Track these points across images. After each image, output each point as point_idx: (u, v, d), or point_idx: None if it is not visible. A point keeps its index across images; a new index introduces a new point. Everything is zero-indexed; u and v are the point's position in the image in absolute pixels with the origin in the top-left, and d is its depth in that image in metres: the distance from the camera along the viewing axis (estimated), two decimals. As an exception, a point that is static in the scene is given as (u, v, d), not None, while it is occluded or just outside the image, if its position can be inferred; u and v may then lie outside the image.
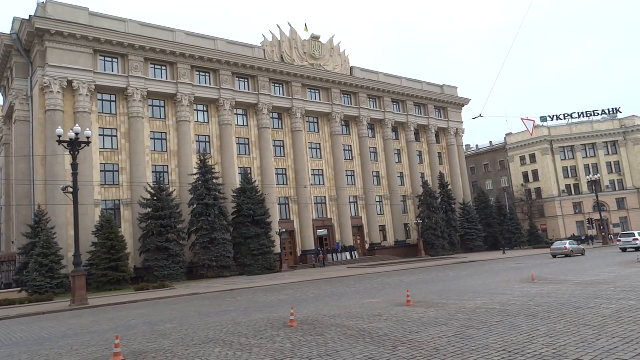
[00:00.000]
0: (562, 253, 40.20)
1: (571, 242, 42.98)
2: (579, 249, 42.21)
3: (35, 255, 32.62)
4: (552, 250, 41.50)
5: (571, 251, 40.33)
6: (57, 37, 38.51)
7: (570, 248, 40.49)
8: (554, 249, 41.49)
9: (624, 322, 10.19)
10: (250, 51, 50.56)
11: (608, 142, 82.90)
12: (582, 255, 41.05)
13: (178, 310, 19.20)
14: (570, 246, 40.88)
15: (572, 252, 40.32)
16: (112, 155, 41.51)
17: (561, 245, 41.44)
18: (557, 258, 39.68)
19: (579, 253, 41.31)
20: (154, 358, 9.98)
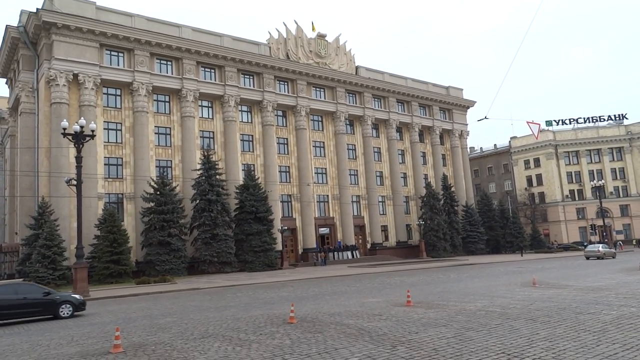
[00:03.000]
0: (595, 255, 42.70)
1: (604, 246, 45.60)
2: (610, 252, 44.32)
3: (38, 247, 32.76)
4: (586, 252, 44.26)
5: (603, 254, 42.64)
6: (64, 31, 38.61)
7: (602, 251, 43.00)
8: (587, 251, 44.30)
9: (624, 329, 10.17)
10: (256, 48, 50.58)
11: (613, 148, 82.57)
12: (613, 258, 43.03)
13: (178, 305, 19.27)
14: (603, 249, 43.39)
15: (604, 254, 42.65)
16: (116, 149, 41.61)
17: (595, 248, 44.20)
18: (590, 260, 41.74)
19: (610, 256, 43.34)
20: (153, 351, 10.03)
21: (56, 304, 17.16)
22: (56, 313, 17.05)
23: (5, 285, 17.94)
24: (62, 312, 17.10)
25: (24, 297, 16.76)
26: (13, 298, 16.52)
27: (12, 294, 16.69)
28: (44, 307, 17.00)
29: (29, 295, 16.94)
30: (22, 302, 16.56)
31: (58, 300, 17.27)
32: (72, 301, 17.57)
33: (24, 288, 17.59)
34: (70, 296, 18.15)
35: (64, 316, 17.07)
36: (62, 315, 17.04)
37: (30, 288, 17.68)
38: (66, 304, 17.28)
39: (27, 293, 17.03)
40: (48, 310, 17.05)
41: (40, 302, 16.94)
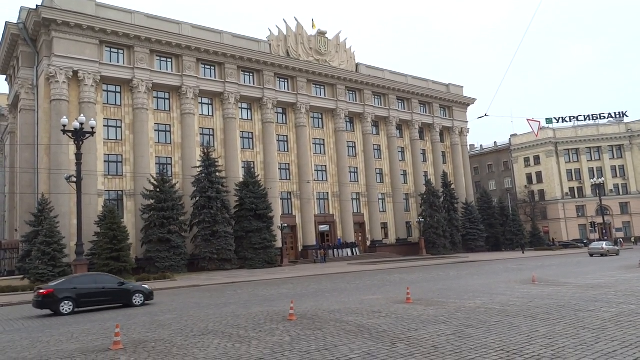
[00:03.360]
0: (599, 252, 43.32)
1: (607, 243, 46.73)
2: (614, 249, 45.27)
3: (38, 244, 32.75)
4: (590, 249, 44.89)
5: (607, 251, 43.47)
6: (64, 28, 38.54)
7: (606, 248, 43.82)
8: (591, 248, 44.93)
9: (623, 326, 10.19)
10: (256, 45, 50.50)
11: (613, 145, 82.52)
12: (616, 255, 43.76)
13: (178, 302, 19.31)
14: (606, 247, 44.27)
15: (608, 252, 43.45)
16: (116, 146, 41.60)
17: (599, 245, 44.88)
18: (594, 257, 42.31)
19: (614, 253, 44.15)
20: (153, 347, 10.05)
21: (130, 293, 18.66)
22: (130, 301, 18.50)
23: (86, 276, 19.64)
24: (135, 301, 18.60)
25: (102, 286, 18.36)
26: (94, 287, 18.10)
27: (93, 284, 18.28)
28: (119, 296, 18.48)
29: (107, 285, 18.53)
30: (101, 291, 18.17)
31: (132, 290, 18.76)
32: (143, 291, 18.99)
33: (102, 278, 19.23)
34: (142, 286, 19.45)
35: (137, 304, 18.51)
36: (134, 304, 18.51)
37: (107, 278, 19.33)
38: (138, 294, 18.78)
39: (105, 283, 18.64)
40: (122, 299, 18.53)
41: (116, 291, 18.47)
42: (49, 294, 17.04)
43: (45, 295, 17.00)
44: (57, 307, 17.00)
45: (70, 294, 17.35)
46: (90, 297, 17.81)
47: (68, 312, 17.06)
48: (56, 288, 17.35)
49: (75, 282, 18.08)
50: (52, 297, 17.03)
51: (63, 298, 17.10)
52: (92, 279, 18.79)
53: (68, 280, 18.38)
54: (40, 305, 17.17)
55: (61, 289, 17.37)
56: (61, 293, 17.19)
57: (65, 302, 17.12)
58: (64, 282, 18.06)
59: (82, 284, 17.97)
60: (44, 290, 17.16)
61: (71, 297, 17.30)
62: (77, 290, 17.58)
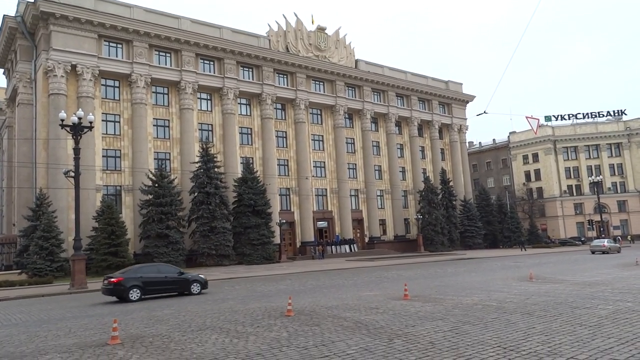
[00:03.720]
0: (601, 250, 43.62)
1: (609, 241, 47.31)
2: (615, 246, 45.71)
3: (35, 238, 32.75)
4: (592, 247, 45.35)
5: (609, 248, 43.83)
6: (62, 21, 38.38)
7: (608, 246, 44.17)
8: (593, 245, 45.31)
9: (619, 323, 10.22)
10: (255, 41, 50.37)
11: (612, 144, 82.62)
12: (618, 252, 44.13)
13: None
14: (608, 244, 44.69)
15: (609, 249, 43.81)
16: (115, 140, 41.51)
17: (600, 243, 45.33)
18: (595, 254, 42.56)
19: (615, 251, 44.59)
20: (150, 342, 10.06)
21: (189, 282, 19.95)
22: (189, 290, 19.80)
23: (150, 265, 21.05)
24: (193, 289, 19.88)
25: (165, 275, 19.66)
26: (157, 276, 19.42)
27: (156, 273, 19.62)
28: (180, 284, 19.74)
29: (168, 274, 19.81)
30: (164, 280, 19.45)
31: (190, 279, 20.07)
32: (200, 280, 20.32)
33: (164, 268, 20.70)
34: (198, 276, 20.70)
35: (194, 293, 19.83)
36: (193, 292, 19.81)
37: (169, 268, 20.71)
38: (196, 283, 20.10)
39: (166, 272, 19.95)
40: (182, 287, 19.81)
41: (176, 280, 19.74)
42: (119, 282, 18.20)
43: (115, 284, 18.18)
44: (127, 294, 18.16)
45: (137, 282, 18.55)
46: (155, 286, 19.10)
47: (136, 299, 18.26)
48: (125, 277, 18.49)
49: (141, 272, 19.27)
50: (121, 285, 18.16)
51: (131, 286, 18.30)
52: (155, 269, 20.18)
53: (134, 270, 19.44)
54: (110, 293, 18.42)
55: (129, 277, 18.53)
56: (129, 282, 18.34)
57: (133, 289, 18.33)
58: (131, 272, 19.19)
59: (147, 273, 19.26)
60: (114, 279, 18.33)
61: (138, 285, 18.52)
62: (143, 279, 18.80)
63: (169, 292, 19.63)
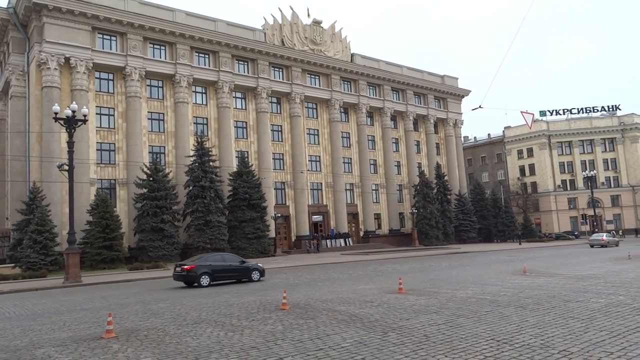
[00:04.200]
0: (599, 243, 44.70)
1: (607, 235, 48.65)
2: (613, 240, 46.78)
3: (29, 232, 32.59)
4: (590, 240, 46.33)
5: (607, 242, 44.98)
6: (55, 13, 38.03)
7: (606, 239, 45.32)
8: (592, 239, 46.29)
9: (612, 317, 10.32)
10: (251, 34, 50.13)
11: (606, 139, 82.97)
12: (616, 246, 45.00)
13: (171, 291, 19.30)
14: (606, 238, 45.87)
15: (608, 243, 44.98)
16: (109, 134, 41.30)
17: (599, 236, 46.34)
18: (594, 247, 43.72)
19: (613, 244, 45.61)
20: (145, 336, 10.06)
21: (250, 270, 21.86)
22: (250, 277, 21.71)
23: (216, 255, 22.70)
24: (253, 277, 21.83)
25: (229, 264, 21.50)
26: (223, 265, 21.21)
27: (222, 262, 21.39)
28: (242, 272, 21.69)
29: (232, 263, 21.71)
30: (228, 268, 21.32)
31: (251, 268, 21.99)
32: (259, 269, 22.24)
33: (228, 257, 22.53)
34: (257, 265, 22.69)
35: (255, 280, 21.70)
36: (253, 279, 21.70)
37: (232, 257, 22.65)
38: (255, 271, 22.01)
39: (230, 261, 21.83)
40: (244, 275, 21.69)
41: (239, 269, 21.67)
42: (192, 270, 20.03)
43: (188, 270, 19.97)
44: (198, 280, 19.99)
45: (207, 269, 20.39)
46: (221, 273, 20.95)
47: (206, 284, 20.10)
48: (197, 264, 20.33)
49: (209, 260, 21.10)
50: (193, 272, 19.95)
51: (202, 273, 20.10)
52: (220, 258, 21.91)
53: (204, 258, 21.30)
54: (182, 278, 20.36)
55: (200, 265, 20.33)
56: (200, 269, 20.14)
57: (204, 276, 20.15)
58: (201, 260, 20.98)
59: (214, 262, 21.03)
60: (187, 266, 20.17)
61: (208, 272, 20.38)
62: (211, 266, 20.64)
63: (232, 279, 21.46)
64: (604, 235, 46.62)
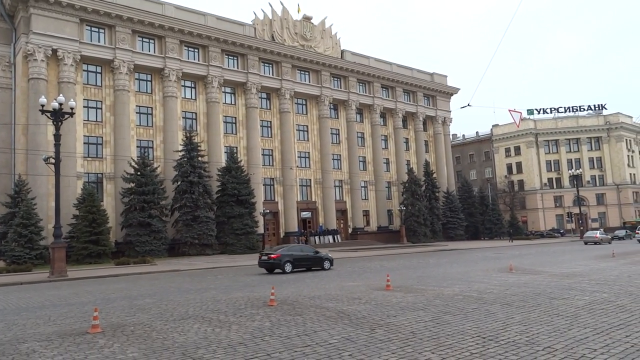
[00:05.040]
0: (593, 241, 46.97)
1: (601, 232, 50.51)
2: (606, 238, 48.93)
3: (14, 225, 32.21)
4: (585, 238, 48.95)
5: (601, 239, 47.09)
6: (42, 4, 37.48)
7: (600, 237, 47.49)
8: (586, 237, 48.93)
9: (595, 314, 10.46)
10: (241, 29, 49.84)
11: (592, 137, 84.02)
12: (609, 243, 46.90)
13: (158, 286, 19.20)
14: (600, 235, 48.07)
15: (601, 240, 47.06)
16: (96, 127, 40.88)
17: (593, 234, 48.87)
18: (588, 245, 45.43)
19: (606, 241, 47.82)
20: (132, 331, 10.00)
21: (322, 259, 24.55)
22: (322, 266, 24.38)
23: (295, 246, 26.93)
24: (325, 265, 24.43)
25: (306, 254, 24.50)
26: (301, 254, 24.27)
27: (300, 252, 24.53)
28: (315, 261, 24.45)
29: (308, 253, 24.71)
30: (305, 257, 24.29)
31: (323, 257, 24.65)
32: (329, 258, 24.93)
33: (304, 248, 26.13)
34: (328, 255, 25.49)
35: (326, 268, 24.33)
36: (325, 268, 24.35)
37: (308, 248, 26.03)
38: (327, 260, 24.63)
39: (307, 251, 24.89)
40: (317, 264, 24.40)
41: (313, 258, 24.52)
42: (277, 258, 23.05)
43: (274, 259, 23.04)
44: (282, 267, 22.89)
45: (289, 258, 23.36)
46: (300, 261, 23.81)
47: (289, 271, 22.98)
48: (281, 254, 23.31)
49: (291, 250, 24.26)
50: (278, 260, 22.99)
51: (286, 261, 23.09)
52: (299, 248, 25.36)
53: (286, 248, 24.52)
54: (268, 265, 23.34)
55: (284, 254, 23.39)
56: (284, 258, 23.16)
57: (287, 263, 23.10)
58: (284, 250, 24.06)
59: (295, 252, 24.20)
60: (274, 255, 23.23)
61: (290, 260, 23.31)
62: (293, 256, 23.62)
63: (308, 267, 24.13)
64: (598, 233, 48.69)
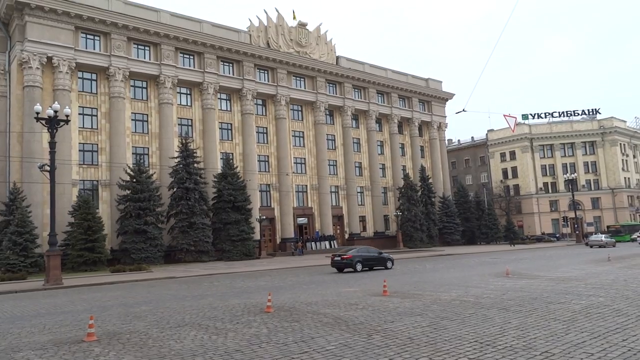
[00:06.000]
0: (598, 244, 48.14)
1: (606, 236, 52.06)
2: (611, 241, 50.16)
3: (9, 233, 32.02)
4: (590, 241, 50.08)
5: (605, 243, 48.20)
6: (38, 12, 37.48)
7: (605, 240, 48.71)
8: (591, 240, 50.09)
9: (592, 318, 10.48)
10: (236, 35, 49.96)
11: (586, 142, 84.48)
12: (613, 246, 48.15)
13: (154, 293, 19.10)
14: (605, 239, 49.28)
15: (606, 243, 48.11)
16: (92, 135, 40.79)
17: (598, 238, 50.18)
18: (593, 248, 46.66)
19: (611, 245, 48.87)
20: (128, 339, 9.94)
21: (385, 259, 27.47)
22: (385, 265, 27.32)
23: (362, 247, 29.20)
24: (388, 265, 27.37)
25: (372, 255, 27.34)
26: (368, 255, 27.16)
27: (367, 253, 27.38)
28: (380, 261, 27.35)
29: (373, 254, 27.54)
30: (372, 257, 27.16)
31: (386, 258, 27.59)
32: (391, 259, 28.04)
33: (370, 249, 28.66)
34: (390, 256, 28.46)
35: (389, 268, 27.11)
36: (388, 267, 27.20)
37: (373, 249, 28.74)
38: (389, 260, 27.61)
39: (372, 252, 27.72)
40: (381, 264, 27.33)
41: (379, 258, 27.42)
42: (349, 258, 25.93)
43: (347, 259, 25.91)
44: (354, 266, 25.78)
45: (360, 258, 26.20)
46: (368, 261, 26.73)
47: (360, 270, 25.85)
48: (353, 255, 26.22)
49: (360, 251, 27.04)
50: (351, 260, 25.83)
51: (357, 261, 25.96)
52: (366, 250, 28.09)
53: (356, 250, 27.37)
54: (341, 265, 26.13)
55: (355, 255, 26.27)
56: (356, 258, 26.04)
57: (358, 263, 26.04)
58: (354, 251, 26.96)
59: (363, 253, 27.02)
60: (347, 256, 26.10)
61: (360, 260, 26.16)
62: (362, 256, 26.46)
63: (374, 267, 26.91)
64: (603, 237, 50.20)
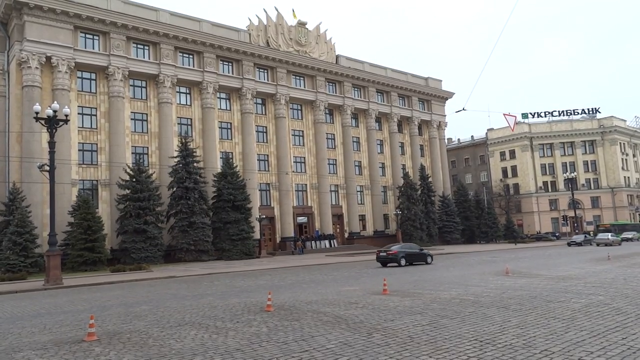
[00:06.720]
0: (604, 242, 49.46)
1: (612, 235, 53.27)
2: (617, 240, 51.47)
3: (9, 234, 32.01)
4: (597, 239, 51.33)
5: (612, 241, 49.42)
6: (36, 11, 37.44)
7: (611, 239, 49.97)
8: (598, 239, 51.51)
9: (592, 316, 10.49)
10: (236, 34, 49.94)
11: (586, 141, 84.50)
12: (619, 245, 49.45)
13: (154, 293, 19.10)
14: (611, 238, 50.57)
15: (613, 242, 49.37)
16: (91, 134, 40.78)
17: (605, 236, 51.47)
18: (599, 246, 47.50)
19: (617, 243, 50.09)
20: (128, 339, 9.95)
21: (426, 255, 29.97)
22: (425, 260, 29.70)
23: (405, 244, 32.76)
24: (428, 260, 29.83)
25: (414, 251, 29.82)
26: (411, 251, 29.56)
27: (409, 249, 29.84)
28: (420, 257, 29.79)
29: (415, 250, 30.05)
30: (414, 253, 29.56)
31: (426, 254, 30.20)
32: (431, 255, 30.89)
33: (412, 245, 31.26)
34: (429, 252, 31.60)
35: (429, 263, 29.59)
36: (428, 262, 29.66)
37: (414, 246, 31.46)
38: (429, 256, 30.14)
39: (414, 249, 30.27)
40: (422, 259, 29.67)
41: (420, 254, 29.89)
42: (395, 254, 28.23)
43: (393, 254, 28.20)
44: (399, 261, 27.97)
45: (403, 254, 28.51)
46: (410, 257, 28.96)
47: (404, 264, 28.03)
48: (398, 250, 28.70)
49: (403, 248, 29.77)
50: (395, 255, 28.15)
51: (402, 256, 28.27)
52: (408, 246, 30.58)
53: (400, 246, 30.29)
54: (387, 259, 28.44)
55: (400, 251, 28.76)
56: (400, 253, 28.35)
57: (402, 258, 28.20)
58: (399, 247, 29.79)
59: (406, 249, 29.52)
60: (392, 251, 28.46)
61: (404, 256, 28.46)
62: (405, 252, 28.84)
63: (415, 262, 29.11)
64: (609, 235, 51.52)
